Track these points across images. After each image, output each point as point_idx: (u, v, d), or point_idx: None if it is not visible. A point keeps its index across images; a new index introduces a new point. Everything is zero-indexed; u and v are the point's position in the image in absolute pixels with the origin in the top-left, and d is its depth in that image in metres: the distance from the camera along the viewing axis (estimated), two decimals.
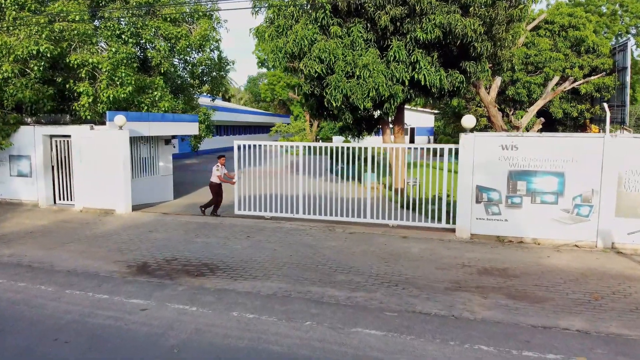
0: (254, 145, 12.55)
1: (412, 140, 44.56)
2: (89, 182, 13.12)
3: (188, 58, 18.12)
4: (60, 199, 14.04)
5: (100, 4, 15.27)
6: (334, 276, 7.63)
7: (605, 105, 10.87)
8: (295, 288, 7.07)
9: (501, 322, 5.95)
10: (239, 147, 12.60)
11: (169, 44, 16.10)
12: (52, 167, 13.95)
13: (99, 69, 13.44)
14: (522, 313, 6.25)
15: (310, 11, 13.91)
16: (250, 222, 11.59)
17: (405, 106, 18.38)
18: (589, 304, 6.65)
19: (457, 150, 10.38)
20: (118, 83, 13.52)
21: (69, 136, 13.45)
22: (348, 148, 12.18)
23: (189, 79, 19.23)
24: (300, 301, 6.53)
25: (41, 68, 13.20)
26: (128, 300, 6.54)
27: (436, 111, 46.43)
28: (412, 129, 46.33)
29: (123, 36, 14.94)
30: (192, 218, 12.26)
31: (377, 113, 18.04)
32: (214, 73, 19.67)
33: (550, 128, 27.13)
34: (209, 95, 21.26)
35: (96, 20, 15.33)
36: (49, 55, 12.79)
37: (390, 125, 17.73)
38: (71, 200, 13.70)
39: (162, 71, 15.88)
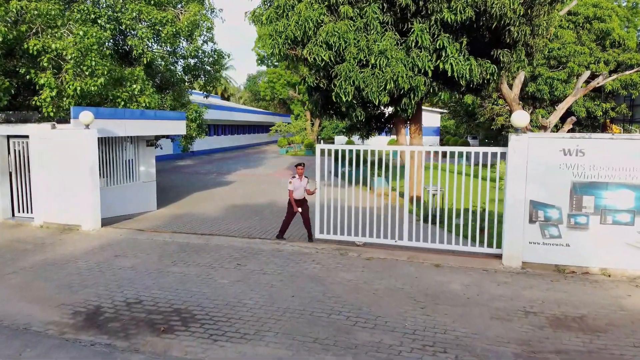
0: (343, 150, 9.48)
1: None
2: (51, 191, 10.92)
3: (176, 48, 15.99)
4: (19, 212, 11.83)
5: None
6: (354, 334, 5.47)
7: None
8: (300, 358, 4.91)
9: None
10: (322, 152, 9.54)
11: (153, 31, 13.94)
12: (10, 173, 11.77)
13: (63, 57, 11.28)
14: None
15: None
16: (240, 244, 9.39)
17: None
18: None
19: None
20: (87, 73, 11.37)
21: (27, 137, 11.28)
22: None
23: (179, 73, 17.10)
24: None
25: None
26: None
27: (443, 110, 44.25)
28: None
29: (99, 21, 12.82)
30: (172, 236, 10.09)
31: (388, 110, 15.94)
32: (208, 67, 17.58)
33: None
34: (202, 92, 19.07)
35: (68, 4, 13.15)
36: (0, 39, 10.62)
37: (406, 124, 15.57)
38: (32, 212, 11.52)
39: (145, 62, 13.74)
